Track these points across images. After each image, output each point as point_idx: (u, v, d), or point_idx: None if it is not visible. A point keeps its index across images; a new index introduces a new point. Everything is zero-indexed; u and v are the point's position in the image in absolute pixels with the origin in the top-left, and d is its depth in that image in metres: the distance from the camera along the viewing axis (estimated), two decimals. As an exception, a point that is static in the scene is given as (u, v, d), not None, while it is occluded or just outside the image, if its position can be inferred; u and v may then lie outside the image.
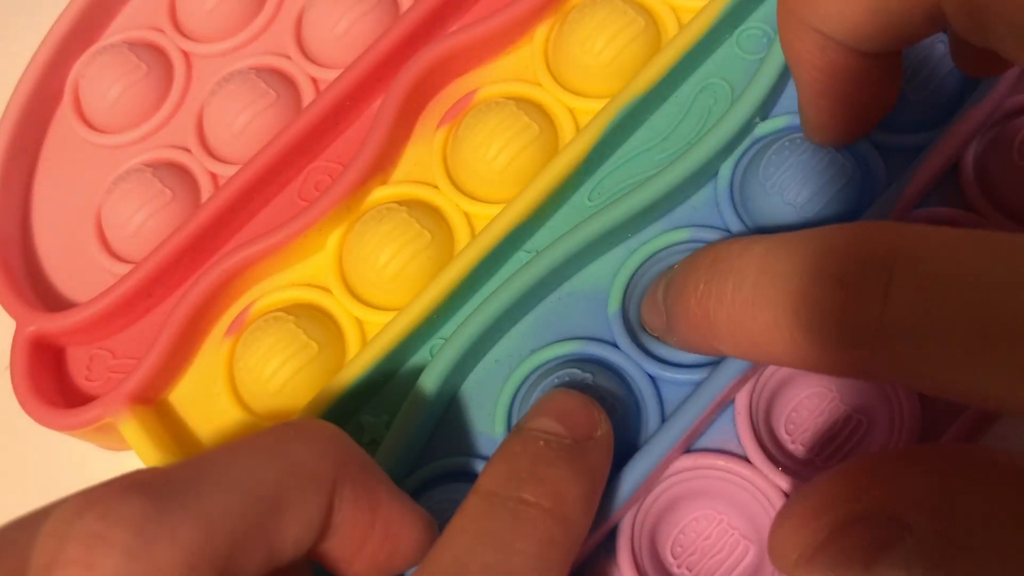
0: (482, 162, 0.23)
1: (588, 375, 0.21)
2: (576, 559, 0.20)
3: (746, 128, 0.22)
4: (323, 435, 0.17)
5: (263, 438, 0.17)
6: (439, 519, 0.21)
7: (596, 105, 0.23)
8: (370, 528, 0.17)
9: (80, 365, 0.25)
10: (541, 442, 0.18)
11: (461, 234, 0.23)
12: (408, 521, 0.18)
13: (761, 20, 0.24)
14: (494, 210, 0.23)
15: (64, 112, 0.28)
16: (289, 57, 0.27)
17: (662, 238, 0.22)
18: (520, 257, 0.23)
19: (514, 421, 0.21)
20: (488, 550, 0.16)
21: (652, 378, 0.21)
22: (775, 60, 0.22)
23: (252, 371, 0.22)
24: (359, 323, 0.23)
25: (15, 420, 0.23)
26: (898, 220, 0.21)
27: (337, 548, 0.17)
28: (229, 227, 0.25)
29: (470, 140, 0.23)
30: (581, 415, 0.19)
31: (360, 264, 0.23)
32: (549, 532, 0.17)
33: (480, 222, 0.23)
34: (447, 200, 0.24)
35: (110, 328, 0.24)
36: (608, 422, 0.19)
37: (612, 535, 0.20)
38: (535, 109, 0.24)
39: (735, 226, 0.22)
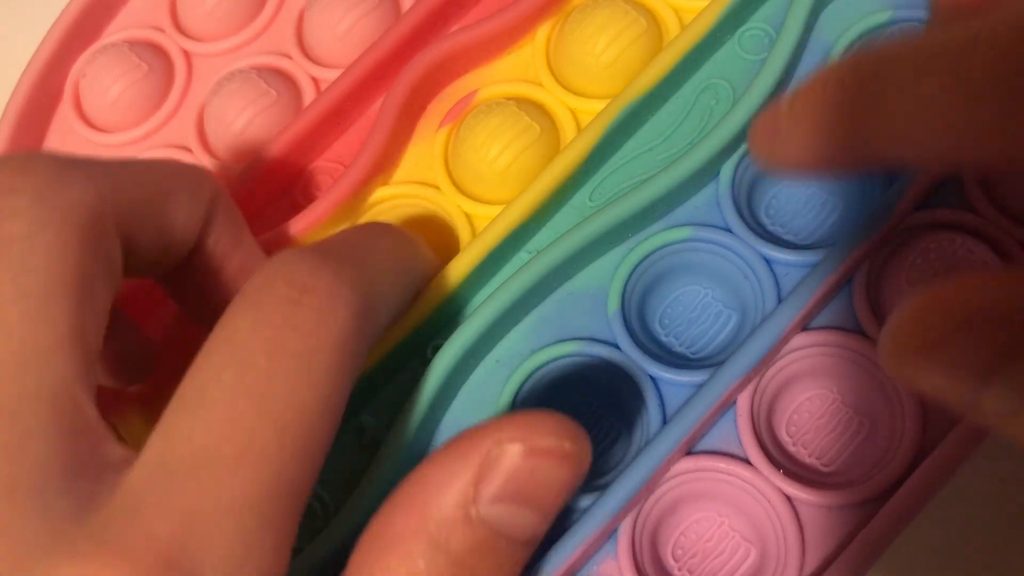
0: (483, 163, 0.23)
1: (600, 403, 0.22)
2: (575, 563, 0.20)
3: (747, 128, 0.22)
4: (203, 169, 0.19)
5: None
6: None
7: (597, 106, 0.23)
8: (230, 255, 0.19)
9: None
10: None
11: (462, 234, 0.23)
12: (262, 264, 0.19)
13: (762, 20, 0.24)
14: (495, 211, 0.23)
15: (64, 111, 0.28)
16: (290, 57, 0.27)
17: (662, 236, 0.22)
18: (521, 257, 0.23)
19: (515, 422, 0.21)
20: (363, 247, 0.19)
21: (653, 379, 0.21)
22: (777, 60, 0.22)
23: None
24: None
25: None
26: (899, 222, 0.21)
27: (200, 265, 0.19)
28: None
29: (471, 141, 0.23)
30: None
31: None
32: (403, 249, 0.20)
33: (481, 222, 0.23)
34: (448, 200, 0.24)
35: (109, 327, 0.24)
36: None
37: (613, 537, 0.20)
38: (536, 110, 0.24)
39: (736, 226, 0.22)
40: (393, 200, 0.24)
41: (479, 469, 0.15)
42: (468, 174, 0.23)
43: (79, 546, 0.13)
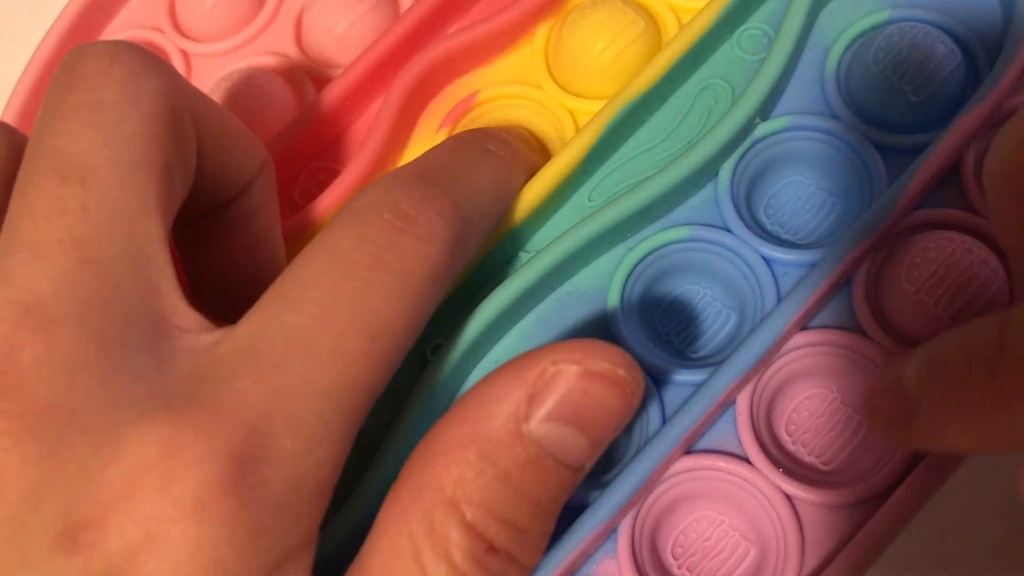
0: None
1: None
2: (575, 562, 0.20)
3: (746, 129, 0.22)
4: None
5: None
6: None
7: (596, 106, 0.23)
8: (260, 218, 0.20)
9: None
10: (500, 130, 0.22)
11: (461, 234, 0.23)
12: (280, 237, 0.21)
13: (761, 21, 0.24)
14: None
15: (63, 112, 0.28)
16: (289, 57, 0.27)
17: (661, 236, 0.22)
18: (520, 257, 0.23)
19: (514, 421, 0.21)
20: (463, 167, 0.19)
21: (652, 378, 0.21)
22: (776, 61, 0.22)
23: None
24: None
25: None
26: (898, 221, 0.21)
27: (236, 215, 0.20)
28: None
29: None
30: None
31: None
32: (503, 172, 0.21)
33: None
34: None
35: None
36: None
37: (613, 536, 0.20)
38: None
39: (735, 225, 0.22)
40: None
41: (533, 387, 0.16)
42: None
43: (172, 400, 0.14)
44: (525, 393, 0.16)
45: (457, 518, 0.15)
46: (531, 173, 0.22)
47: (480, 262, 0.22)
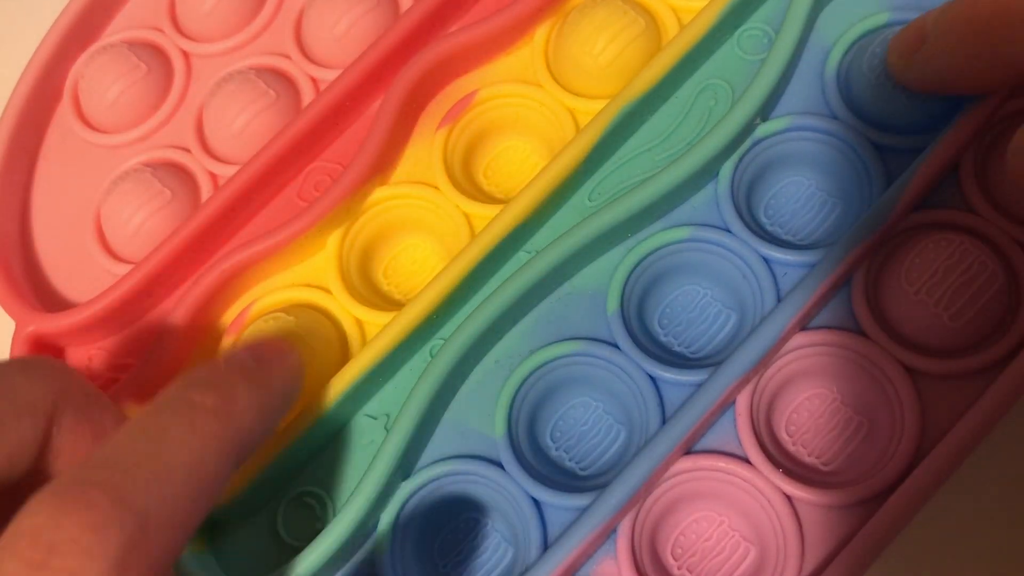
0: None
1: (599, 403, 0.22)
2: (574, 563, 0.20)
3: (747, 129, 0.22)
4: (44, 365, 0.18)
5: None
6: (439, 517, 0.21)
7: (596, 106, 0.23)
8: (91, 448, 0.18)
9: (80, 365, 0.24)
10: (221, 361, 0.18)
11: (461, 233, 0.23)
12: None
13: (762, 21, 0.24)
14: (494, 210, 0.23)
15: (63, 112, 0.28)
16: (289, 57, 0.27)
17: (661, 236, 0.22)
18: (520, 257, 0.23)
19: (514, 421, 0.21)
20: (145, 441, 0.16)
21: (652, 379, 0.21)
22: (776, 61, 0.22)
23: None
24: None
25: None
26: (898, 221, 0.21)
27: (57, 472, 0.18)
28: (229, 227, 0.25)
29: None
30: (268, 344, 0.19)
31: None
32: (209, 427, 0.17)
33: (481, 222, 0.23)
34: (447, 201, 0.24)
35: (110, 328, 0.24)
36: (298, 354, 0.20)
37: (612, 536, 0.20)
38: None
39: (735, 226, 0.22)
40: (392, 200, 0.24)
41: None
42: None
43: None
44: None
45: None
46: (265, 411, 0.19)
47: (480, 262, 0.22)
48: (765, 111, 0.23)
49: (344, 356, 0.23)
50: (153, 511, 0.16)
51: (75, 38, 0.28)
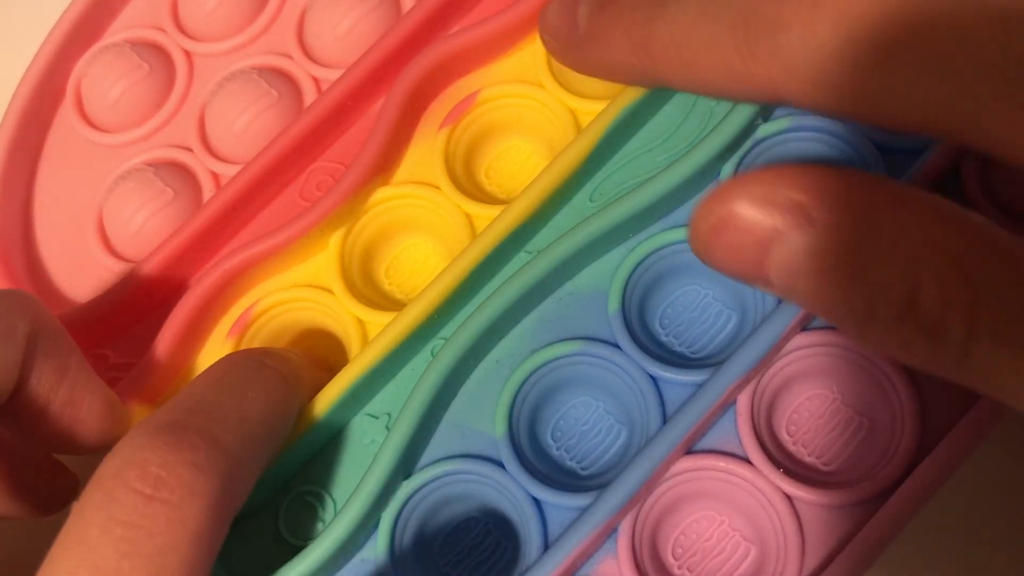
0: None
1: (600, 402, 0.22)
2: (575, 562, 0.20)
3: (748, 129, 0.22)
4: (20, 296, 0.19)
5: None
6: (439, 517, 0.22)
7: (598, 106, 0.23)
8: (55, 388, 0.19)
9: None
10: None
11: (462, 234, 0.23)
12: (92, 391, 0.19)
13: (763, 21, 0.24)
14: (496, 211, 0.23)
15: (66, 111, 0.28)
16: (291, 57, 0.27)
17: (662, 236, 0.22)
18: (521, 257, 0.23)
19: (515, 421, 0.21)
20: (228, 394, 0.18)
21: (653, 379, 0.21)
22: (777, 61, 0.22)
23: None
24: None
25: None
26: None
27: (25, 403, 0.18)
28: (231, 227, 0.25)
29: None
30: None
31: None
32: (278, 390, 0.19)
33: (482, 222, 0.23)
34: (448, 201, 0.24)
35: (111, 328, 0.24)
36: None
37: (613, 536, 0.20)
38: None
39: (737, 227, 0.22)
40: (394, 200, 0.24)
41: None
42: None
43: None
44: None
45: None
46: (315, 390, 0.21)
47: (481, 262, 0.22)
48: (767, 111, 0.23)
49: (345, 356, 0.23)
50: (242, 458, 0.17)
51: (78, 38, 0.28)
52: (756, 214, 0.15)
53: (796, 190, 0.15)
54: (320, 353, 0.24)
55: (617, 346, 0.21)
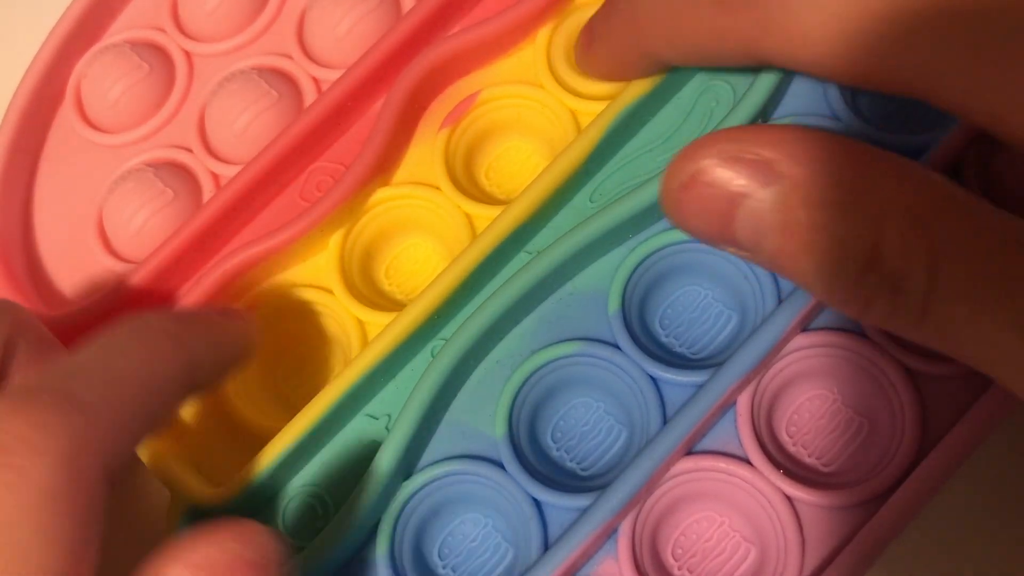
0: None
1: (600, 403, 0.22)
2: (575, 563, 0.20)
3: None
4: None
5: None
6: (439, 517, 0.21)
7: (598, 107, 0.23)
8: None
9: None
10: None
11: (463, 234, 0.23)
12: None
13: (763, 22, 0.24)
14: (496, 211, 0.23)
15: (66, 112, 0.28)
16: (291, 57, 0.27)
17: (662, 236, 0.22)
18: (521, 258, 0.23)
19: (515, 421, 0.21)
20: (101, 352, 0.17)
21: (653, 379, 0.21)
22: (777, 62, 0.22)
23: None
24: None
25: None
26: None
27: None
28: (231, 227, 0.25)
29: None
30: (225, 305, 0.22)
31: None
32: (164, 348, 0.18)
33: (482, 223, 0.23)
34: (448, 201, 0.24)
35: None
36: (254, 321, 0.21)
37: (613, 537, 0.20)
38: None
39: (737, 228, 0.22)
40: (394, 201, 0.24)
41: None
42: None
43: None
44: None
45: None
46: (229, 346, 0.20)
47: (481, 262, 0.22)
48: (766, 112, 0.23)
49: (345, 356, 0.23)
50: (104, 412, 0.16)
51: (78, 38, 0.28)
52: (724, 171, 0.15)
53: (764, 147, 0.15)
54: (320, 354, 0.24)
55: (617, 347, 0.21)
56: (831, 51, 0.16)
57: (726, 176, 0.15)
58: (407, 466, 0.21)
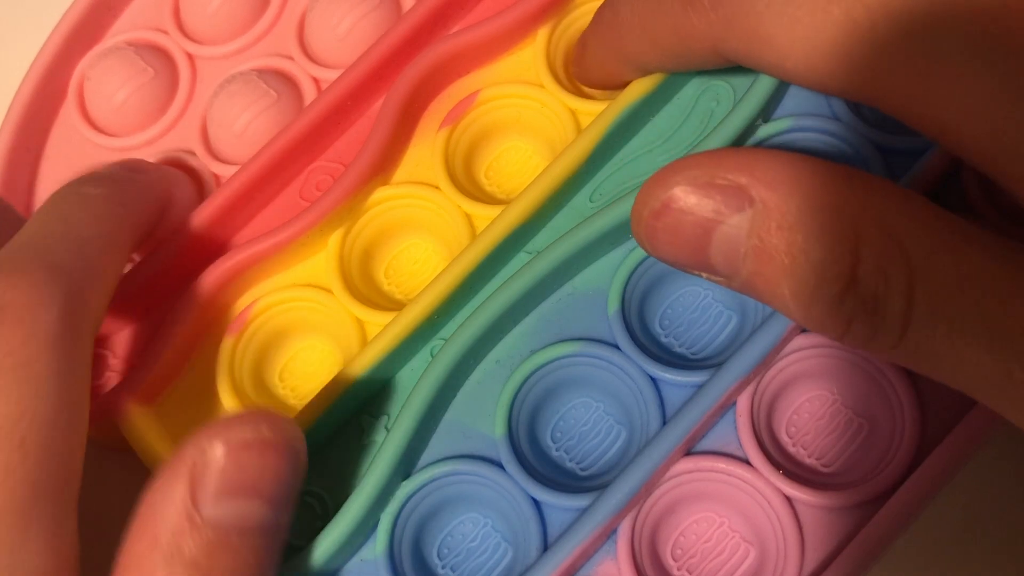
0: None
1: (600, 403, 0.22)
2: (574, 563, 0.20)
3: (748, 130, 0.22)
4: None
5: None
6: (439, 517, 0.21)
7: (598, 107, 0.23)
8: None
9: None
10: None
11: (463, 233, 0.23)
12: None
13: (764, 22, 0.24)
14: (495, 211, 0.23)
15: (67, 112, 0.28)
16: (291, 58, 0.27)
17: (663, 239, 0.22)
18: (521, 258, 0.23)
19: (514, 421, 0.21)
20: (55, 223, 0.19)
21: (653, 380, 0.21)
22: (777, 62, 0.22)
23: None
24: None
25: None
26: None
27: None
28: (231, 227, 0.25)
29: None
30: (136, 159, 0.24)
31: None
32: (104, 209, 0.20)
33: (482, 222, 0.23)
34: (448, 201, 0.24)
35: (110, 328, 0.24)
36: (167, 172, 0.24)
37: (612, 537, 0.20)
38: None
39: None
40: (393, 200, 0.24)
41: (191, 477, 0.16)
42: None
43: None
44: (186, 485, 0.16)
45: None
46: (155, 196, 0.23)
47: (481, 262, 0.22)
48: (767, 112, 0.23)
49: (345, 356, 0.23)
50: (79, 271, 0.18)
51: (79, 38, 0.28)
52: (696, 198, 0.15)
53: (736, 171, 0.15)
54: (319, 353, 0.24)
55: (617, 347, 0.21)
56: (792, 54, 0.16)
57: (698, 203, 0.15)
58: (406, 466, 0.21)
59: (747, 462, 0.20)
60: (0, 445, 0.16)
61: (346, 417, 0.22)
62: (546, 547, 0.20)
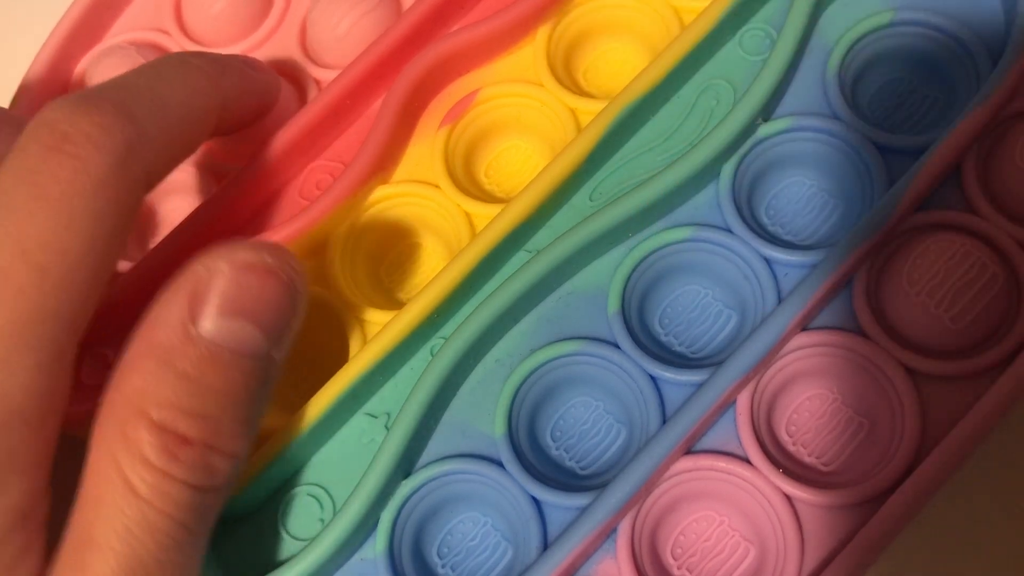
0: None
1: (600, 402, 0.22)
2: (574, 562, 0.20)
3: (748, 129, 0.22)
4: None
5: None
6: (439, 516, 0.22)
7: (598, 106, 0.23)
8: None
9: (79, 363, 0.24)
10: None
11: (462, 232, 0.23)
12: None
13: (764, 21, 0.24)
14: (495, 210, 0.23)
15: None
16: (295, 61, 0.27)
17: (662, 236, 0.22)
18: (521, 257, 0.23)
19: (515, 421, 0.21)
20: (146, 78, 0.20)
21: (653, 379, 0.21)
22: (778, 61, 0.22)
23: None
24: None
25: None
26: (899, 222, 0.21)
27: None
28: (230, 226, 0.25)
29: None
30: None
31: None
32: (200, 82, 0.21)
33: (481, 221, 0.23)
34: (448, 200, 0.24)
35: (109, 329, 0.24)
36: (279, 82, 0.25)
37: (612, 536, 0.20)
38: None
39: (736, 226, 0.22)
40: (393, 199, 0.24)
41: (193, 291, 0.17)
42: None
43: None
44: (186, 299, 0.17)
45: (145, 421, 0.16)
46: (257, 91, 0.23)
47: (481, 261, 0.22)
48: (767, 111, 0.23)
49: (345, 355, 0.23)
50: (151, 128, 0.18)
51: (79, 38, 0.28)
52: None
53: None
54: (320, 352, 0.24)
55: (617, 346, 0.21)
56: None
57: None
58: (406, 465, 0.21)
59: (747, 461, 0.20)
60: (19, 266, 0.16)
61: (346, 416, 0.22)
62: (546, 546, 0.20)
